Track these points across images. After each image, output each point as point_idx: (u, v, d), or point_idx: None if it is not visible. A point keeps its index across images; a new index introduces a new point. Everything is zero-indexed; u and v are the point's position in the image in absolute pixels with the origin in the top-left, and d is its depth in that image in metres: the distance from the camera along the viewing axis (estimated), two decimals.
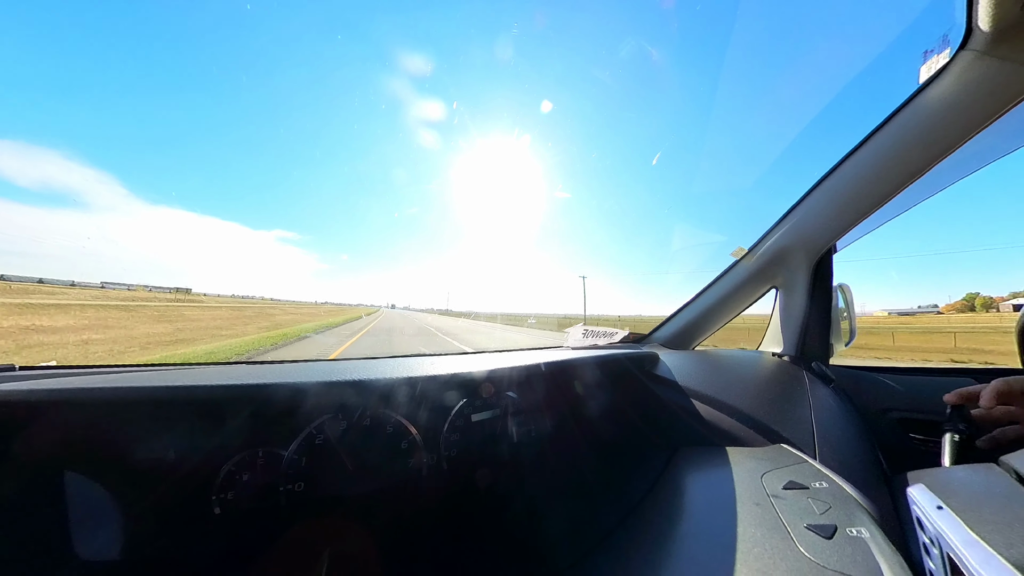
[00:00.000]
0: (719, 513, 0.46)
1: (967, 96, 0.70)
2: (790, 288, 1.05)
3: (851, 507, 0.43)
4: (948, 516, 0.34)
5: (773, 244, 1.06)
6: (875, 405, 0.89)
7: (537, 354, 0.87)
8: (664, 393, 0.84)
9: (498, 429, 0.68)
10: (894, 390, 0.92)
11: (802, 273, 1.03)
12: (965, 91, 0.70)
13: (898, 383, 0.93)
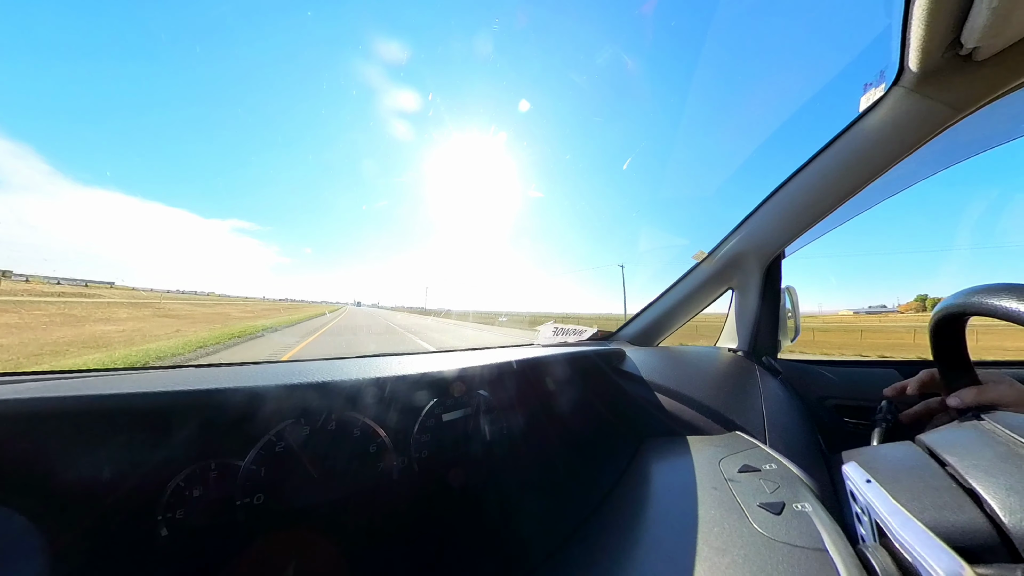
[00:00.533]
0: (682, 498, 0.49)
1: (896, 126, 0.80)
2: (744, 289, 1.12)
3: (796, 485, 0.47)
4: (875, 488, 0.39)
5: (730, 249, 1.12)
6: (815, 394, 0.98)
7: (508, 352, 0.88)
8: (631, 388, 0.88)
9: (470, 428, 0.67)
10: (831, 380, 1.01)
11: (755, 276, 1.10)
12: (895, 122, 0.79)
13: (834, 374, 1.03)
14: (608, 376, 0.92)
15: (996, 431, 0.43)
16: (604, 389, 0.90)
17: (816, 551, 0.35)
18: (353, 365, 0.61)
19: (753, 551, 0.36)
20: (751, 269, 1.12)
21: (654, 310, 1.26)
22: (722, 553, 0.37)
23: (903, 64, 0.73)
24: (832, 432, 0.87)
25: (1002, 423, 0.43)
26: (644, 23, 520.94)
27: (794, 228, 1.02)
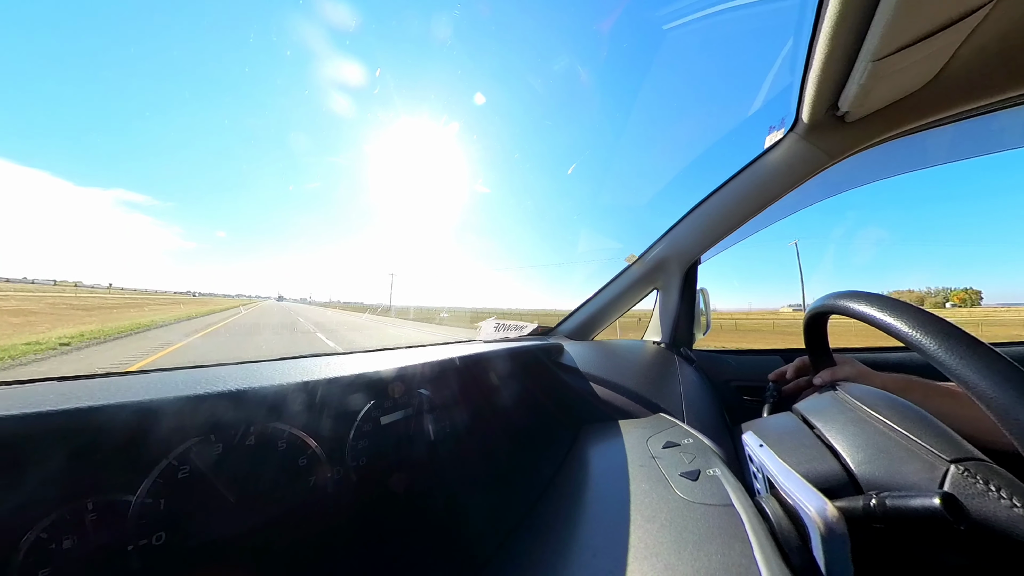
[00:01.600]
0: (616, 476, 0.53)
1: (788, 163, 0.98)
2: (667, 290, 1.27)
3: (708, 454, 0.54)
4: (766, 450, 0.48)
5: (656, 254, 1.26)
6: (721, 378, 1.15)
7: (450, 348, 0.86)
8: (569, 379, 0.93)
9: (412, 429, 0.65)
10: (733, 366, 1.19)
11: (676, 278, 1.26)
12: (788, 160, 0.97)
13: (735, 361, 1.22)
14: (548, 369, 0.96)
15: (845, 400, 0.55)
16: (544, 381, 0.94)
17: (725, 507, 0.41)
18: (276, 368, 0.54)
19: (676, 514, 0.42)
20: (673, 272, 1.27)
21: (590, 307, 1.35)
22: (652, 520, 0.42)
23: (798, 116, 0.91)
24: (734, 408, 1.03)
25: (849, 393, 0.55)
26: (600, 41, 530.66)
27: (709, 239, 1.19)
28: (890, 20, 0.62)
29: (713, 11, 1.11)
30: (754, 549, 0.34)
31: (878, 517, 0.34)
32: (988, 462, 0.37)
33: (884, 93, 0.80)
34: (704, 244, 1.22)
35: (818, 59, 0.74)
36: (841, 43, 0.69)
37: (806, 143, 0.95)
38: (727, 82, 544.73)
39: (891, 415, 0.46)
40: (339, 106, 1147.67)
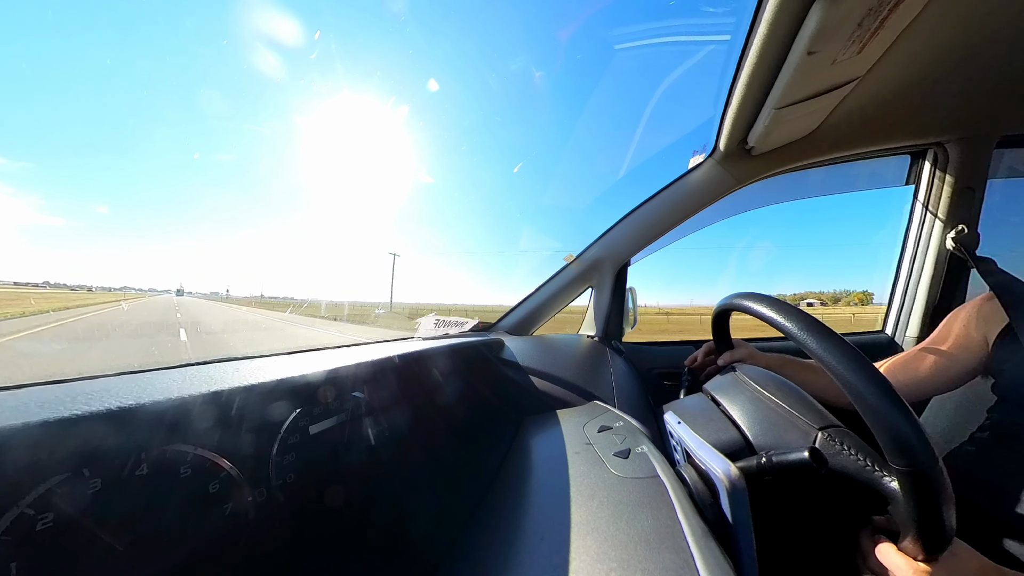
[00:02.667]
0: (557, 461, 0.56)
1: (706, 183, 1.12)
2: (600, 288, 1.37)
3: (637, 435, 0.60)
4: (683, 426, 0.55)
5: (592, 255, 1.35)
6: (646, 366, 1.29)
7: (387, 347, 0.83)
8: (510, 373, 0.96)
9: (347, 436, 0.61)
10: (656, 355, 1.35)
11: (608, 278, 1.36)
12: (706, 180, 1.12)
13: (658, 351, 1.38)
14: (489, 364, 0.98)
15: (742, 379, 0.63)
16: (486, 376, 0.95)
17: (652, 478, 0.47)
18: (174, 378, 0.45)
19: (612, 490, 0.45)
20: (606, 272, 1.38)
21: (529, 303, 1.39)
22: (591, 498, 0.45)
23: (716, 145, 1.05)
24: (657, 392, 1.17)
25: (744, 373, 0.64)
26: (557, 49, 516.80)
27: (639, 243, 1.31)
28: (790, 79, 0.75)
29: (659, 42, 1.22)
30: (677, 511, 0.40)
31: (767, 471, 0.44)
32: (843, 428, 0.48)
33: (781, 136, 0.97)
34: (634, 248, 1.34)
35: (735, 101, 0.87)
36: (753, 91, 0.82)
37: (720, 168, 1.11)
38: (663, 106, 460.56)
39: (776, 392, 0.57)
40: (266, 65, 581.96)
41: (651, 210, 1.25)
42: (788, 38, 0.68)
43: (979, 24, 0.73)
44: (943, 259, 1.20)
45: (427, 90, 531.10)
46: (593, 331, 1.34)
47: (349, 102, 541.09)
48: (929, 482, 0.35)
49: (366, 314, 40.81)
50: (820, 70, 0.74)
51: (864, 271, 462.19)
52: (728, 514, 0.42)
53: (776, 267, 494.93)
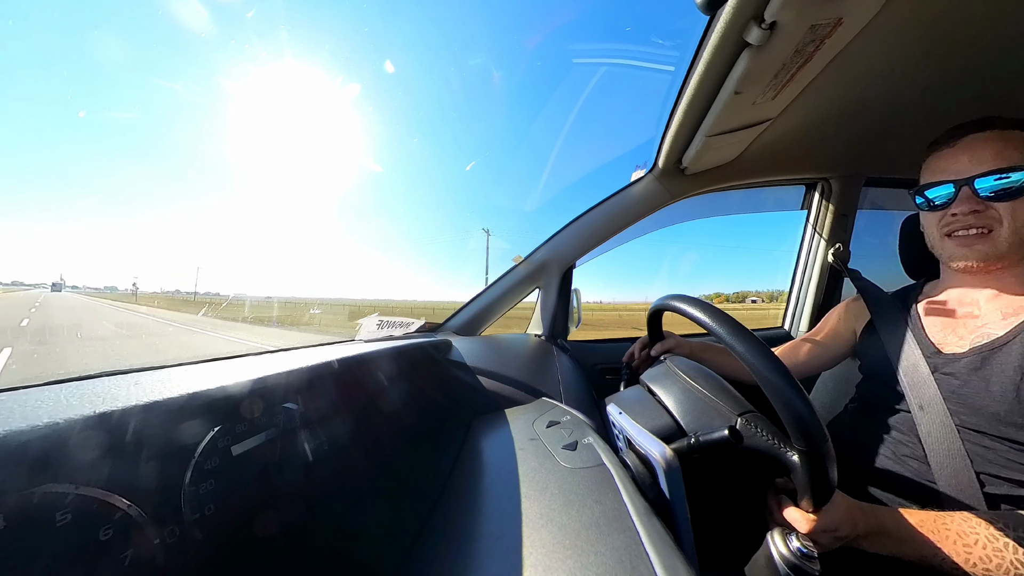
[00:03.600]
0: (509, 459, 0.58)
1: (645, 196, 1.23)
2: (547, 289, 1.43)
3: (583, 427, 0.63)
4: (624, 416, 0.60)
5: (539, 257, 1.39)
6: (589, 362, 1.37)
7: (324, 351, 0.79)
8: (458, 374, 0.96)
9: (279, 453, 0.54)
10: (599, 351, 1.44)
11: (555, 279, 1.42)
12: (644, 193, 1.23)
13: (600, 348, 1.48)
14: (437, 366, 0.97)
15: (673, 370, 0.69)
16: (434, 379, 0.94)
17: (599, 466, 0.50)
18: (44, 399, 0.37)
19: (563, 481, 0.48)
20: (553, 274, 1.43)
21: (478, 303, 1.40)
22: (543, 491, 0.47)
23: (656, 162, 1.15)
24: (600, 386, 1.24)
25: (674, 363, 0.70)
26: (519, 53, 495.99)
27: (584, 247, 1.38)
28: (719, 112, 0.86)
29: (613, 62, 1.29)
30: (622, 494, 0.43)
31: (696, 450, 0.51)
32: (756, 412, 0.56)
33: (709, 160, 1.10)
34: (579, 251, 1.41)
35: (674, 125, 0.96)
36: (689, 119, 0.92)
37: (658, 183, 1.22)
38: (611, 122, 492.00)
39: (702, 381, 0.64)
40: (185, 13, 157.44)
41: (596, 217, 1.33)
42: (721, 77, 0.77)
43: (858, 88, 0.90)
44: (825, 270, 1.48)
45: (382, 71, 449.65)
46: (540, 330, 1.39)
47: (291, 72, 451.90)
48: (821, 457, 0.44)
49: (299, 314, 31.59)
50: (743, 108, 0.85)
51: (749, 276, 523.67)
52: (666, 491, 0.48)
53: (723, 269, 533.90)
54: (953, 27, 0.72)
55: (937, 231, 0.72)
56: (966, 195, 0.66)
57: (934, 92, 0.92)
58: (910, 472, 0.68)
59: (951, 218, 0.68)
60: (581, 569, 0.34)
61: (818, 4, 0.58)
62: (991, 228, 0.65)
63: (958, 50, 0.78)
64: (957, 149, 0.68)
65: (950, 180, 0.67)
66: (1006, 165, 0.62)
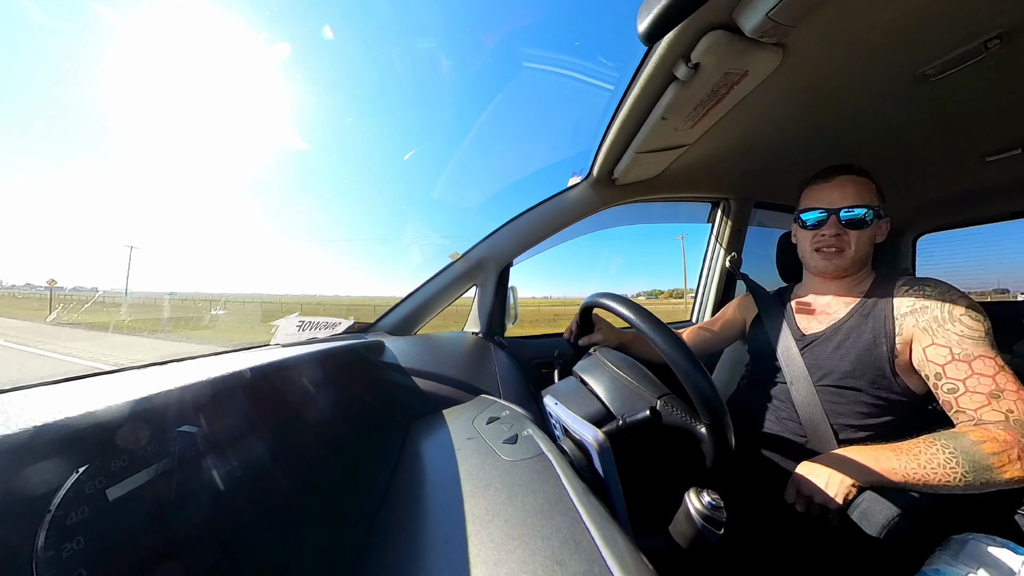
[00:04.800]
0: (450, 461, 0.57)
1: (579, 201, 1.31)
2: (484, 286, 1.45)
3: (522, 421, 0.64)
4: (559, 406, 0.65)
5: (477, 254, 1.40)
6: (526, 357, 1.42)
7: (233, 359, 0.71)
8: (393, 377, 0.93)
9: (175, 489, 0.45)
10: (534, 346, 1.50)
11: (492, 277, 1.44)
12: (579, 199, 1.31)
13: (535, 343, 1.54)
14: (369, 369, 0.93)
15: (602, 360, 0.74)
16: (367, 383, 0.90)
17: (539, 456, 0.52)
18: None
19: (506, 474, 0.49)
20: (490, 272, 1.45)
21: (412, 301, 1.37)
22: (487, 487, 0.47)
23: (591, 171, 1.24)
24: (537, 380, 1.27)
25: (602, 355, 0.76)
26: (471, 45, 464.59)
27: (522, 246, 1.42)
28: (648, 133, 0.96)
29: (560, 72, 1.35)
30: (562, 479, 0.46)
31: (624, 431, 0.57)
32: (672, 394, 0.64)
33: (636, 174, 1.22)
34: (517, 250, 1.45)
35: (609, 139, 1.05)
36: (622, 136, 1.01)
37: (591, 191, 1.31)
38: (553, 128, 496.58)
39: (626, 369, 0.70)
40: None
41: (534, 217, 1.38)
42: (651, 103, 0.87)
43: (754, 129, 1.09)
44: (724, 273, 1.75)
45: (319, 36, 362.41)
46: (477, 328, 1.41)
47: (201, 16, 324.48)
48: (723, 428, 0.54)
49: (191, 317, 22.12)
50: (667, 132, 0.97)
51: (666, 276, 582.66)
52: (600, 470, 0.53)
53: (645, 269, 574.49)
54: (826, 92, 0.92)
55: (809, 246, 0.91)
56: (833, 221, 0.85)
57: (808, 139, 1.15)
58: (788, 432, 0.87)
59: (820, 237, 0.87)
60: (530, 556, 0.36)
61: (731, 56, 0.69)
62: (843, 248, 0.85)
63: (828, 110, 1.00)
64: (830, 185, 0.86)
65: (824, 208, 0.86)
66: (861, 203, 0.82)
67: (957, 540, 0.71)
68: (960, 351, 0.70)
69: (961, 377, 0.69)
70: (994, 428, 0.63)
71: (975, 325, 0.71)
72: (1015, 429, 0.62)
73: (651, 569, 0.34)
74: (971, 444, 0.61)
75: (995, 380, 0.67)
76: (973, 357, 0.69)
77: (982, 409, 0.66)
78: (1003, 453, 0.60)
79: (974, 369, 0.68)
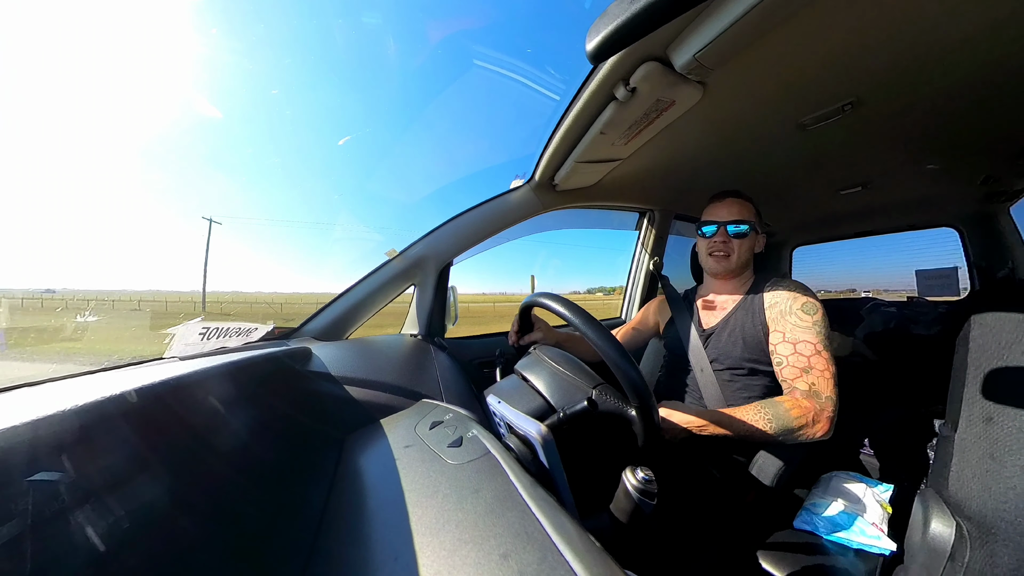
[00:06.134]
0: (393, 472, 0.55)
1: (521, 203, 1.36)
2: (423, 286, 1.42)
3: (466, 422, 0.63)
4: (502, 404, 0.66)
5: (416, 252, 1.36)
6: (467, 358, 1.40)
7: (113, 378, 0.61)
8: (322, 388, 0.87)
9: (30, 560, 0.36)
10: (475, 346, 1.50)
11: (431, 276, 1.42)
12: (521, 201, 1.36)
13: (476, 343, 1.55)
14: (294, 380, 0.86)
15: (541, 357, 0.78)
16: (291, 397, 0.82)
17: (485, 456, 0.52)
18: None
19: (453, 479, 0.48)
20: (430, 271, 1.42)
21: (344, 302, 1.29)
22: (434, 494, 0.46)
23: (533, 175, 1.29)
24: (479, 380, 1.27)
25: (542, 352, 0.80)
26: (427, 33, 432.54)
27: (462, 245, 1.42)
28: (587, 145, 1.04)
29: (510, 75, 1.37)
30: (509, 475, 0.47)
31: (565, 422, 0.61)
32: (605, 383, 0.69)
33: (576, 181, 1.31)
34: (457, 249, 1.44)
35: (552, 147, 1.11)
36: (564, 144, 1.08)
37: (533, 194, 1.37)
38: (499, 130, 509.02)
39: (564, 364, 0.74)
40: None
41: (475, 217, 1.39)
42: (592, 118, 0.94)
43: (677, 152, 1.24)
44: (647, 276, 1.95)
45: None
46: (416, 329, 1.38)
47: None
48: (650, 410, 0.61)
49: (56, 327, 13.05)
50: (605, 146, 1.05)
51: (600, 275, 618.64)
52: (545, 462, 0.57)
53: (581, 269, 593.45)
54: (732, 129, 1.12)
55: (705, 251, 1.13)
56: (722, 231, 1.07)
57: (717, 165, 1.37)
58: None
59: (713, 244, 1.09)
60: (484, 556, 0.36)
61: (663, 86, 0.78)
62: (730, 254, 1.07)
63: (733, 143, 1.20)
64: (722, 204, 1.09)
65: (716, 221, 1.08)
66: (743, 219, 1.06)
67: (824, 478, 1.03)
68: (791, 336, 0.93)
69: (786, 354, 0.92)
70: (802, 397, 0.85)
71: (806, 318, 0.93)
72: (812, 398, 0.84)
73: (599, 547, 0.37)
74: (784, 411, 0.83)
75: (809, 360, 0.88)
76: (798, 341, 0.91)
77: (795, 379, 0.88)
78: (803, 417, 0.82)
79: (796, 350, 0.91)
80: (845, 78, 0.86)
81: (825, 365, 0.87)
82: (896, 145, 1.25)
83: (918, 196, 1.77)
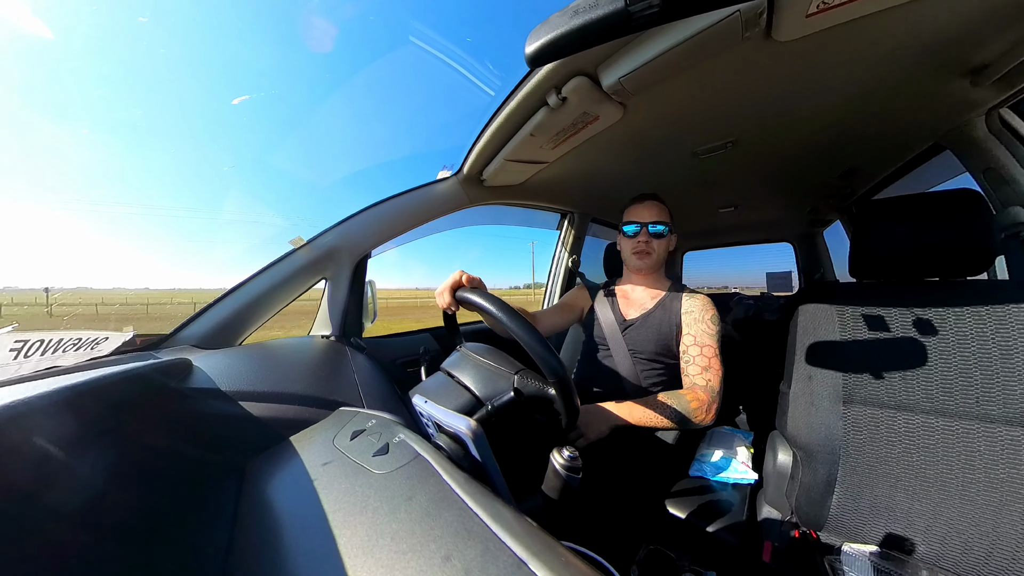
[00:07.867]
0: (307, 495, 0.50)
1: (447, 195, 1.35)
2: (336, 280, 1.30)
3: (392, 427, 0.60)
4: (429, 403, 0.65)
5: (327, 241, 1.24)
6: (389, 358, 1.35)
7: None
8: (210, 407, 0.73)
9: None
10: (397, 345, 1.44)
11: (346, 269, 1.30)
12: (447, 193, 1.35)
13: (399, 342, 1.48)
14: (172, 401, 0.70)
15: (467, 353, 0.80)
16: (169, 423, 0.67)
17: (416, 459, 0.51)
18: None
19: (382, 489, 0.46)
20: (344, 263, 1.31)
21: (235, 300, 1.11)
22: (362, 509, 0.43)
23: (462, 168, 1.29)
24: (403, 381, 1.18)
25: (467, 348, 0.82)
26: None
27: (382, 236, 1.33)
28: (517, 145, 1.08)
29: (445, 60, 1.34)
30: (442, 475, 0.46)
31: (494, 415, 0.63)
32: (524, 368, 0.71)
33: (504, 179, 1.34)
34: (376, 240, 1.35)
35: (482, 141, 1.12)
36: (495, 141, 1.10)
37: (460, 187, 1.36)
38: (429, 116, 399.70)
39: (487, 356, 0.77)
40: None
41: (397, 206, 1.32)
42: (524, 119, 0.97)
43: (597, 160, 1.36)
44: (567, 271, 2.10)
45: None
46: (329, 329, 1.27)
47: None
48: (567, 384, 0.65)
49: None
50: (533, 148, 1.10)
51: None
52: (478, 456, 0.57)
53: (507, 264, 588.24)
54: (643, 149, 1.27)
55: (628, 249, 1.25)
56: (644, 232, 1.20)
57: (629, 178, 1.54)
58: (614, 394, 1.16)
59: (636, 242, 1.21)
60: (426, 561, 0.36)
61: (590, 101, 0.86)
62: (651, 252, 1.20)
63: (643, 161, 1.37)
64: (643, 206, 1.22)
65: (639, 222, 1.20)
66: (660, 220, 1.20)
67: (709, 432, 1.31)
68: (699, 340, 1.11)
69: (694, 354, 1.10)
70: (700, 391, 1.03)
71: (712, 327, 1.13)
72: (708, 392, 1.02)
73: (536, 527, 0.39)
74: (685, 402, 1.00)
75: (710, 361, 1.08)
76: (704, 344, 1.10)
77: (697, 375, 1.07)
78: (699, 408, 0.99)
79: (703, 352, 1.09)
80: (731, 122, 1.11)
81: (719, 366, 1.07)
82: (759, 179, 1.68)
83: (770, 218, 2.47)
